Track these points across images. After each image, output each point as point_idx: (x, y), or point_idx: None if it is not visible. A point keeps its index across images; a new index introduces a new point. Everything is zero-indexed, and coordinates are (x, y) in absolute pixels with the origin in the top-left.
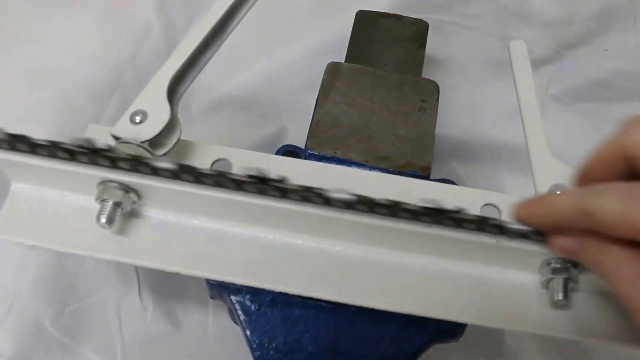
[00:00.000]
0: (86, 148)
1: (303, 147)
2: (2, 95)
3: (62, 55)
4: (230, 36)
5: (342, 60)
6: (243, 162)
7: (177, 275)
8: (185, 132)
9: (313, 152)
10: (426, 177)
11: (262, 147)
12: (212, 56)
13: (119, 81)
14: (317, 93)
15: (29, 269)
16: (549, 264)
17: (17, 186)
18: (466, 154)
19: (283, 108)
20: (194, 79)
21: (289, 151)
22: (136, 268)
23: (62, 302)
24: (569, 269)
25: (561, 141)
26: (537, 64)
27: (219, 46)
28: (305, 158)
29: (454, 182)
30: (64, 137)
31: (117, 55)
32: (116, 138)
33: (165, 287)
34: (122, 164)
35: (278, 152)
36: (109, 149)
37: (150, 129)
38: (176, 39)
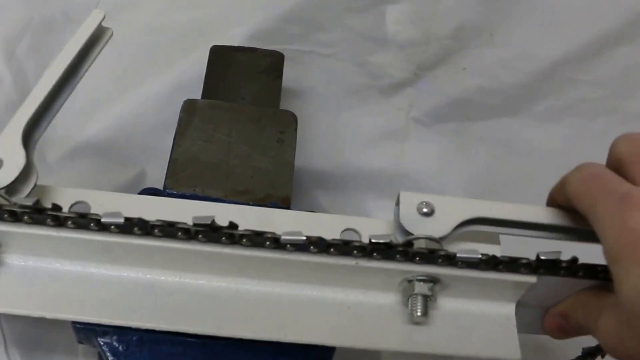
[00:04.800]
0: None
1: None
2: None
3: None
4: (83, 82)
5: (199, 97)
6: (100, 203)
7: (43, 326)
8: (42, 183)
9: (172, 191)
10: (286, 209)
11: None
12: (66, 99)
13: None
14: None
15: None
16: (410, 281)
17: None
18: (329, 183)
19: (141, 150)
20: (49, 123)
21: (150, 194)
22: (0, 324)
23: None
24: (427, 286)
25: (428, 163)
26: (397, 87)
27: (73, 89)
28: None
29: None
30: None
31: None
32: None
33: (32, 341)
34: None
35: None
36: None
37: (6, 175)
38: (28, 88)
